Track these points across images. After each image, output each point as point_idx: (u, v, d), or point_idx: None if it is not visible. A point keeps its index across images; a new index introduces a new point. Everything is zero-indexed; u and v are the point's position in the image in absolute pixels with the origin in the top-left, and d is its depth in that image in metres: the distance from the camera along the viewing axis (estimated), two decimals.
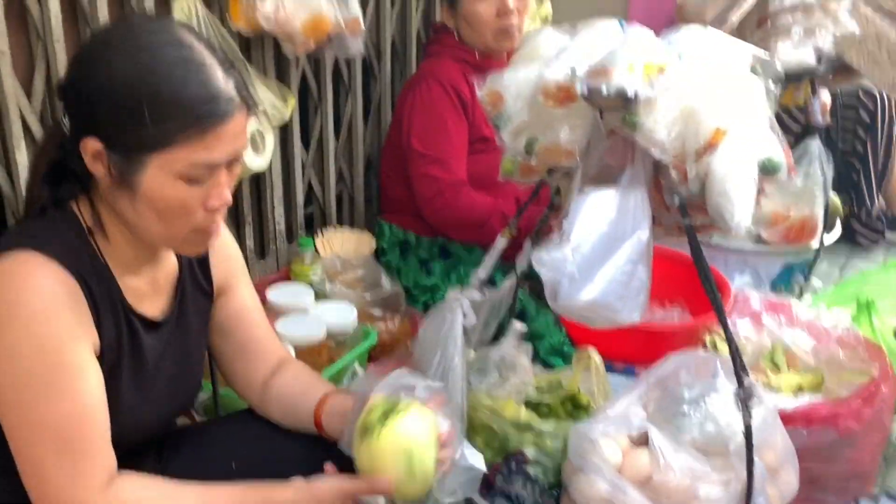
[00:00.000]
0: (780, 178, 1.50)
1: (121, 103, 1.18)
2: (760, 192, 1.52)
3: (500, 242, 1.77)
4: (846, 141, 3.41)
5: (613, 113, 1.50)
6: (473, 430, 1.70)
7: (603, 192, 1.53)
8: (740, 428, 1.47)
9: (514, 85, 1.68)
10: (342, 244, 2.50)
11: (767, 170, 1.48)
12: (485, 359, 1.79)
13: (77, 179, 1.26)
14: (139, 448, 1.40)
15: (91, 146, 1.21)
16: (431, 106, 2.40)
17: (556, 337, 2.16)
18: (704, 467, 1.52)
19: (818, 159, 2.76)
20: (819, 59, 2.66)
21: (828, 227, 2.76)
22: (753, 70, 1.59)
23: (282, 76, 2.43)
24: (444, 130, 2.39)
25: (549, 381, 1.82)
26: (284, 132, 2.48)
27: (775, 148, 1.50)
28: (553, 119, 1.59)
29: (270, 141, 2.32)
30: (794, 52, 2.62)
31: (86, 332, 1.23)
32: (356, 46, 2.38)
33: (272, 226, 2.54)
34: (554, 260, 1.46)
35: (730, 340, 1.50)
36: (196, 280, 1.46)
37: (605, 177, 1.57)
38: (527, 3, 2.46)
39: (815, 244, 2.73)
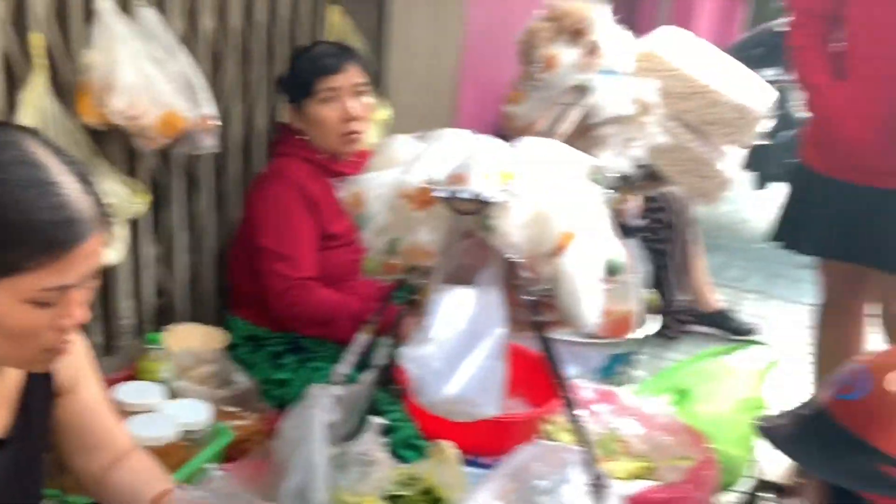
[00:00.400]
0: (622, 277, 1.66)
1: None
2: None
3: (362, 339, 1.83)
4: (654, 240, 3.71)
5: (470, 216, 1.62)
6: None
7: (461, 290, 1.63)
8: None
9: (374, 187, 1.76)
10: (192, 339, 2.45)
11: (612, 270, 1.64)
12: (345, 455, 1.81)
13: None
14: None
15: None
16: (279, 204, 2.44)
17: (407, 430, 2.20)
18: None
19: (635, 258, 3.01)
20: (634, 167, 2.94)
21: (644, 320, 3.00)
22: (591, 177, 1.75)
23: (133, 169, 2.41)
24: (291, 228, 2.43)
25: (408, 475, 1.87)
26: (134, 225, 2.43)
27: (618, 249, 1.66)
28: (414, 221, 1.68)
29: (120, 235, 2.28)
30: (613, 160, 2.88)
31: None
32: (209, 142, 2.39)
33: (120, 321, 2.47)
34: (420, 356, 1.54)
35: (582, 433, 1.61)
36: (40, 383, 1.39)
37: (463, 275, 1.67)
38: (369, 109, 2.56)
39: (634, 336, 2.96)
